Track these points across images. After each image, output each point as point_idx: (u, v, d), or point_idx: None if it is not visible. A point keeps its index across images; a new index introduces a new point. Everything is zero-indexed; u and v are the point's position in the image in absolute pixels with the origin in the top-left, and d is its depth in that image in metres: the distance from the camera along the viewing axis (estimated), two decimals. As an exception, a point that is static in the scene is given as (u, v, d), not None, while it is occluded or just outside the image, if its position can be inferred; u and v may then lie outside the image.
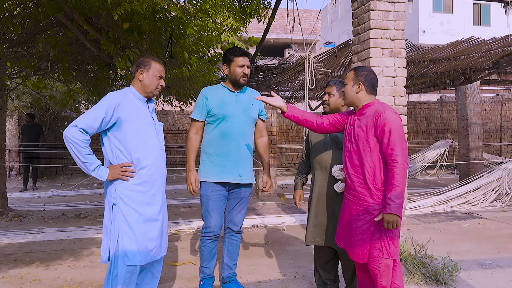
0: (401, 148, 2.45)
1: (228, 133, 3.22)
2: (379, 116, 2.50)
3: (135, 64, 2.68)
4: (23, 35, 4.86)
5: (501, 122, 15.29)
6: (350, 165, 2.65)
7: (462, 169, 9.77)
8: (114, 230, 2.50)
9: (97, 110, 2.47)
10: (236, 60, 3.23)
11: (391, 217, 2.42)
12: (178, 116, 13.91)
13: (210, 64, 5.39)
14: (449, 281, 3.55)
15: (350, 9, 4.25)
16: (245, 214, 3.46)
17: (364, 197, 2.55)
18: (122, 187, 2.53)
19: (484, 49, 6.60)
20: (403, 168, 2.43)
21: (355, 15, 4.12)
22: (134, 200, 2.53)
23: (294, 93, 9.61)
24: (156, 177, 2.64)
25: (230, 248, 3.40)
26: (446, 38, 18.06)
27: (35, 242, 5.08)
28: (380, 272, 2.51)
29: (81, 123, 2.43)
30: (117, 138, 2.55)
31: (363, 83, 2.64)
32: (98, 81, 5.96)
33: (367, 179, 2.54)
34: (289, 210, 7.03)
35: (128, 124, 2.54)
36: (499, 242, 4.94)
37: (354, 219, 2.58)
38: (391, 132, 2.46)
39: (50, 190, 9.84)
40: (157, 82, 2.68)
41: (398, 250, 2.59)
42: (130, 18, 3.93)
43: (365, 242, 2.54)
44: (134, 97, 2.63)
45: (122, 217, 2.50)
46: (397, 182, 2.42)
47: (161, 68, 2.69)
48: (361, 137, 2.58)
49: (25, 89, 9.01)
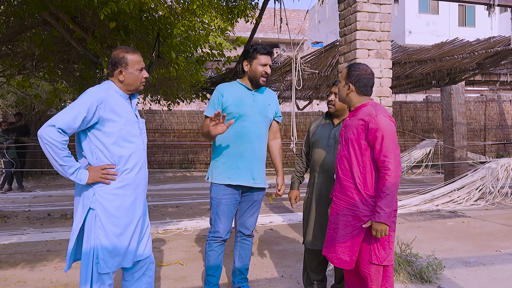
0: (394, 155, 2.37)
1: (243, 134, 3.04)
2: (371, 120, 2.40)
3: (110, 61, 2.42)
4: (8, 34, 4.79)
5: (485, 122, 15.55)
6: (340, 169, 2.57)
7: (447, 168, 9.91)
8: (87, 236, 2.31)
9: (78, 108, 2.23)
10: (259, 58, 3.03)
11: (380, 225, 2.36)
12: (166, 116, 13.84)
13: (197, 64, 5.39)
14: (434, 279, 3.61)
15: (337, 10, 4.28)
16: (257, 218, 3.30)
17: (355, 202, 2.46)
18: (103, 190, 2.33)
19: (469, 51, 6.71)
20: (395, 175, 2.35)
21: (341, 16, 4.15)
22: (115, 205, 2.34)
23: (281, 93, 9.64)
24: (139, 180, 2.46)
25: (242, 252, 3.25)
26: (432, 39, 18.31)
27: (20, 243, 5.01)
28: (371, 276, 2.46)
29: (59, 122, 2.19)
30: (98, 138, 2.33)
31: (354, 84, 2.53)
32: (84, 80, 5.91)
33: (358, 184, 2.45)
34: (277, 210, 7.06)
35: (111, 123, 2.33)
36: (483, 240, 5.03)
37: (343, 224, 2.50)
38: (384, 138, 2.37)
39: (35, 190, 9.71)
40: (139, 76, 2.45)
41: (392, 256, 2.50)
42: (117, 18, 3.90)
43: (353, 249, 2.47)
44: (116, 93, 2.41)
45: (99, 223, 2.30)
46: (389, 191, 2.34)
47: (138, 58, 2.43)
48: (352, 140, 2.49)
49: (9, 88, 8.88)
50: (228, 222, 3.11)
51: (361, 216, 2.45)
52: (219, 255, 3.14)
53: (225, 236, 3.13)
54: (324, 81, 7.91)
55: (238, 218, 3.23)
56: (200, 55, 5.58)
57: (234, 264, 3.31)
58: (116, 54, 2.42)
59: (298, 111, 11.64)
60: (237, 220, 3.24)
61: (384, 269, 2.50)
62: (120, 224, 2.36)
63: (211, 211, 3.14)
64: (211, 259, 3.12)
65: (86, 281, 2.32)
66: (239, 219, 3.23)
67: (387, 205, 2.34)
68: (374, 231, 2.39)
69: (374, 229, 2.38)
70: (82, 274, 2.33)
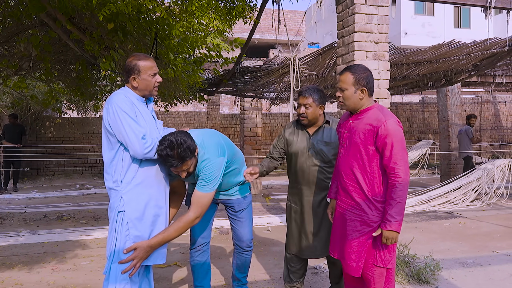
0: (404, 162, 2.33)
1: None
2: (381, 126, 2.35)
3: (125, 70, 2.56)
4: (4, 35, 4.76)
5: (481, 123, 15.64)
6: (344, 174, 2.51)
7: (443, 169, 9.96)
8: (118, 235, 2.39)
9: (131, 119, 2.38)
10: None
11: (391, 233, 2.32)
12: (163, 117, 13.82)
13: (195, 65, 5.38)
14: (431, 280, 3.63)
15: (334, 11, 4.29)
16: (251, 227, 3.18)
17: (363, 207, 2.42)
18: (128, 190, 2.41)
19: (465, 52, 6.75)
20: (405, 183, 2.31)
21: (339, 18, 4.17)
22: (141, 205, 2.42)
23: (279, 94, 9.65)
24: (161, 179, 2.54)
25: (239, 262, 3.19)
26: (428, 40, 18.39)
27: (17, 245, 4.98)
28: (374, 278, 2.44)
29: (140, 134, 2.35)
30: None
31: (366, 86, 2.46)
32: (81, 81, 5.89)
33: (365, 189, 2.41)
34: (274, 211, 7.06)
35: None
36: (479, 240, 5.06)
37: (350, 230, 2.46)
38: (393, 145, 2.32)
39: (31, 191, 9.66)
40: (153, 81, 2.55)
41: (395, 258, 2.50)
42: (115, 19, 3.88)
43: (360, 255, 2.44)
44: (133, 97, 2.53)
45: (125, 221, 2.38)
46: (399, 198, 2.30)
47: (151, 64, 2.53)
48: (358, 144, 2.43)
49: (5, 89, 8.83)
50: (204, 228, 3.05)
51: (370, 222, 2.41)
52: (203, 264, 3.08)
53: (204, 241, 3.07)
54: (322, 83, 7.93)
55: (232, 233, 3.19)
56: (198, 56, 5.57)
57: (232, 270, 3.27)
58: (129, 62, 2.53)
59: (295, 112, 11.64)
60: (232, 234, 3.20)
61: (387, 272, 2.49)
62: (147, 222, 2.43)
63: None
64: (195, 269, 3.09)
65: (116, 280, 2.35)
66: (233, 234, 3.17)
67: (398, 213, 2.31)
68: (384, 239, 2.35)
69: (385, 237, 2.35)
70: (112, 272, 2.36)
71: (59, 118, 12.80)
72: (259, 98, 9.25)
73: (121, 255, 2.36)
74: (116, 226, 2.39)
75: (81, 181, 11.58)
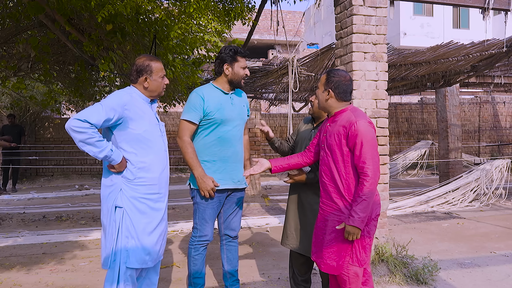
0: (373, 161, 2.39)
1: (226, 138, 3.04)
2: (351, 127, 2.42)
3: (135, 69, 2.56)
4: (3, 36, 4.77)
5: (479, 124, 15.66)
6: (325, 174, 2.57)
7: (442, 170, 9.97)
8: (115, 233, 2.42)
9: (105, 108, 2.35)
10: (240, 60, 3.04)
11: (353, 229, 2.38)
12: (162, 117, 13.82)
13: (194, 66, 5.38)
14: (429, 280, 3.64)
15: (332, 11, 4.30)
16: (241, 218, 3.30)
17: (340, 208, 2.48)
18: (128, 188, 2.45)
19: (463, 53, 6.75)
20: (373, 182, 2.38)
21: (338, 19, 4.18)
22: (142, 204, 2.47)
23: (277, 95, 9.66)
24: (162, 180, 2.58)
25: (229, 255, 3.23)
26: (426, 41, 18.41)
27: (15, 246, 4.98)
28: (349, 279, 2.47)
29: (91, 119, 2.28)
30: (123, 139, 2.48)
31: (333, 90, 2.54)
32: (80, 82, 5.89)
33: (342, 190, 2.47)
34: (273, 211, 7.07)
35: (135, 125, 2.47)
36: (477, 241, 5.07)
37: (330, 229, 2.51)
38: (363, 145, 2.39)
39: (30, 192, 9.66)
40: (162, 83, 2.61)
41: (369, 259, 2.54)
42: (113, 20, 3.89)
43: (340, 254, 2.48)
44: (139, 98, 2.56)
45: (128, 220, 2.43)
46: (365, 196, 2.37)
47: (161, 66, 2.61)
48: (334, 146, 2.50)
49: (4, 90, 8.83)
50: (213, 225, 3.13)
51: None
52: (204, 258, 3.15)
53: (211, 239, 3.14)
54: (320, 83, 7.92)
55: (223, 222, 3.20)
56: (196, 57, 5.57)
57: (223, 267, 3.27)
58: (141, 62, 2.55)
59: (294, 112, 11.66)
60: (221, 224, 3.21)
61: (364, 272, 2.54)
62: (149, 222, 2.50)
63: (197, 216, 3.09)
64: (197, 262, 3.11)
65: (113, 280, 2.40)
66: (224, 222, 3.20)
67: (362, 210, 2.37)
68: (346, 234, 2.41)
69: (347, 231, 2.40)
70: (109, 272, 2.42)
71: (58, 118, 12.80)
72: (258, 99, 9.26)
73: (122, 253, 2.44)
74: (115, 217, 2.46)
75: (80, 182, 11.59)
